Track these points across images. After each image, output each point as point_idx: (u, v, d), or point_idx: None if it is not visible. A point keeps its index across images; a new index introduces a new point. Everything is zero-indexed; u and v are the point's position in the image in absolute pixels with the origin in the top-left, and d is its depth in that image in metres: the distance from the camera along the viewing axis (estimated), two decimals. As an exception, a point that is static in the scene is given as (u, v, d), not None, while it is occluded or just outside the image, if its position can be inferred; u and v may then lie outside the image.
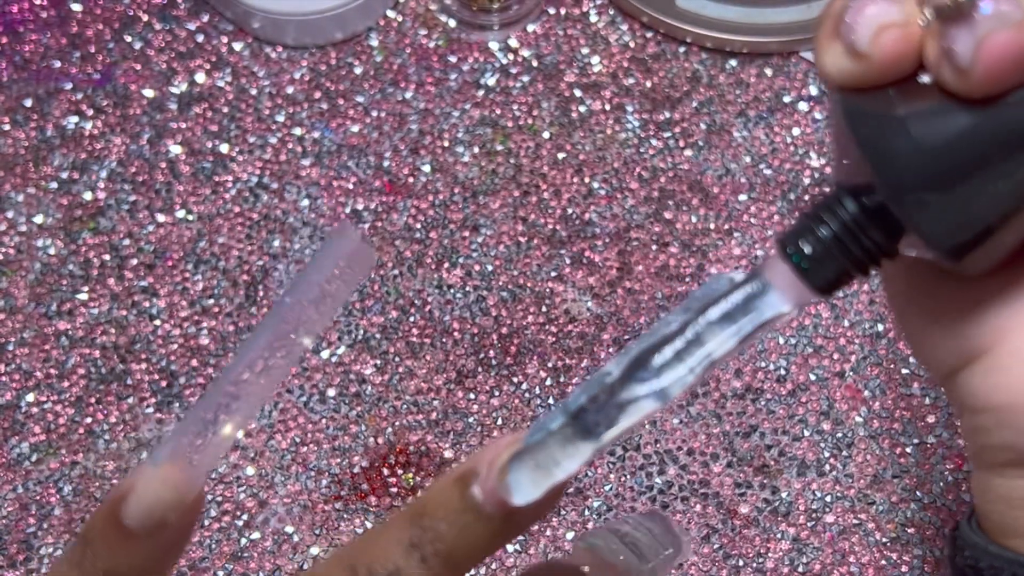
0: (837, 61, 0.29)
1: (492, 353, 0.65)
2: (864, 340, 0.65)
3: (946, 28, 0.27)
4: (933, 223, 0.28)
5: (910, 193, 0.28)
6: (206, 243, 0.68)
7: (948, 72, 0.27)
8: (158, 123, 0.71)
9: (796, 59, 0.73)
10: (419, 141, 0.71)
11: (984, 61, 0.27)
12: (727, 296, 0.30)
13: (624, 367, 0.30)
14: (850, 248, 0.30)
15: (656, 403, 0.30)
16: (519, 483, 0.29)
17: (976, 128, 0.28)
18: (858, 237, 0.30)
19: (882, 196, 0.29)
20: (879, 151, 0.28)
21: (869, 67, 0.28)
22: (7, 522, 0.62)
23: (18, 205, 0.69)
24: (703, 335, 0.30)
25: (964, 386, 0.33)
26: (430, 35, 0.74)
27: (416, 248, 0.68)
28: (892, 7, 0.28)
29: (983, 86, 0.27)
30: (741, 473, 0.62)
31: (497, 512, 0.29)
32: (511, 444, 0.30)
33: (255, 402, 0.32)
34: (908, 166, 0.28)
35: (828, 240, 0.30)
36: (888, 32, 0.28)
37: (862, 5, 0.28)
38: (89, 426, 0.64)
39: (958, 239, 0.29)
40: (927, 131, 0.28)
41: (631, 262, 0.67)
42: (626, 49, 0.73)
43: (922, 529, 0.61)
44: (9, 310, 0.66)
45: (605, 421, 0.30)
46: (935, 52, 0.28)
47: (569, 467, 0.29)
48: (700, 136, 0.71)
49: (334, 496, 0.62)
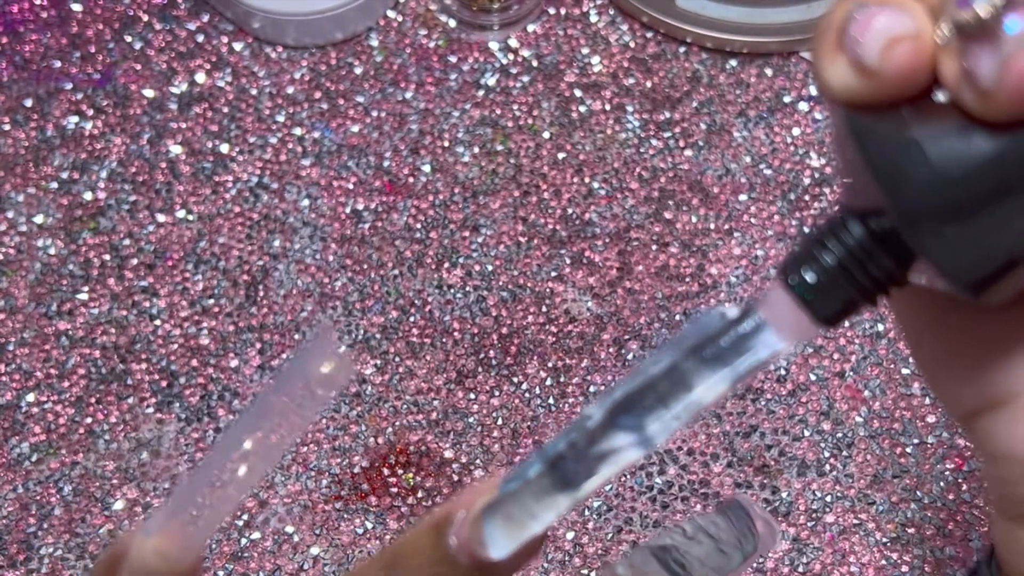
0: (842, 77, 0.26)
1: (492, 353, 0.65)
2: (864, 340, 0.65)
3: (967, 46, 0.25)
4: (952, 255, 0.26)
5: (927, 223, 0.26)
6: (206, 243, 0.68)
7: (969, 94, 0.25)
8: (158, 123, 0.71)
9: (796, 59, 0.73)
10: (419, 141, 0.71)
11: (1010, 84, 0.24)
12: (719, 336, 0.28)
13: (605, 412, 0.28)
14: (857, 277, 0.28)
15: (639, 452, 0.28)
16: (493, 536, 0.28)
17: (1000, 154, 0.25)
18: (865, 265, 0.28)
19: (895, 224, 0.27)
20: (893, 176, 0.26)
21: (879, 84, 0.26)
22: (7, 522, 0.62)
23: (18, 205, 0.69)
24: (691, 378, 0.28)
25: (987, 432, 0.30)
26: (430, 35, 0.74)
27: (416, 248, 0.68)
28: (903, 18, 0.25)
29: (1008, 110, 0.25)
30: (741, 473, 0.62)
31: (472, 563, 0.28)
32: (487, 491, 0.28)
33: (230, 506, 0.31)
34: (925, 194, 0.26)
35: (833, 268, 0.28)
36: (899, 46, 0.25)
37: (870, 16, 0.26)
38: (89, 426, 0.64)
39: (978, 273, 0.26)
40: (946, 156, 0.26)
41: (631, 262, 0.67)
42: (626, 49, 0.73)
43: (922, 529, 0.61)
44: (9, 310, 0.66)
45: (584, 471, 0.28)
46: (954, 71, 0.25)
47: (546, 519, 0.28)
48: (700, 136, 0.71)
49: (334, 496, 0.62)
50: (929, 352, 0.32)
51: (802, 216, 0.68)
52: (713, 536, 0.48)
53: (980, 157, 0.25)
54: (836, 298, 0.28)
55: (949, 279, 0.27)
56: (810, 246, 0.29)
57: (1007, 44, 0.24)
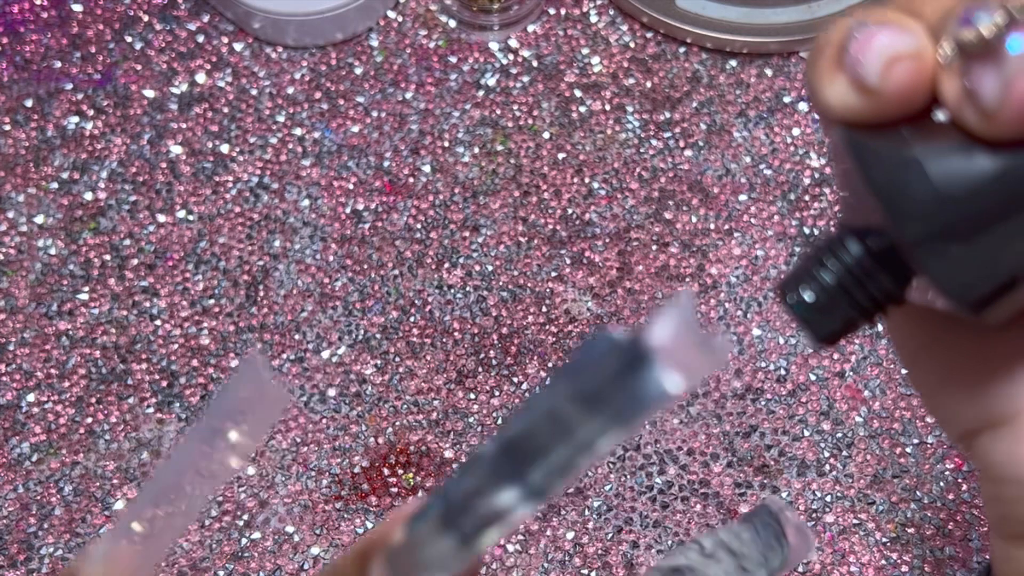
0: (842, 96, 0.26)
1: (492, 353, 0.65)
2: (864, 340, 0.65)
3: (969, 66, 0.25)
4: (954, 274, 0.26)
5: (928, 242, 0.26)
6: (207, 243, 0.68)
7: (971, 114, 0.25)
8: (159, 123, 0.72)
9: (796, 59, 0.73)
10: (419, 141, 0.71)
11: (1013, 104, 0.24)
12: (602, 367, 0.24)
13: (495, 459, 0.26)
14: (855, 296, 0.28)
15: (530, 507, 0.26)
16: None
17: (1002, 173, 0.25)
18: (864, 284, 0.28)
19: (896, 243, 0.27)
20: (893, 195, 0.26)
21: (879, 103, 0.26)
22: (8, 522, 0.62)
23: (19, 205, 0.69)
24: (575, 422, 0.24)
25: (986, 452, 0.30)
26: (430, 35, 0.74)
27: (416, 248, 0.68)
28: (903, 37, 0.25)
29: (1011, 129, 0.25)
30: (741, 473, 0.62)
31: None
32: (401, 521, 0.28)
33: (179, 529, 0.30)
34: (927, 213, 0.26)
35: (832, 287, 0.28)
36: (900, 65, 0.25)
37: (870, 35, 0.25)
38: (90, 426, 0.64)
39: (980, 291, 0.26)
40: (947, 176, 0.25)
41: (631, 262, 0.67)
42: (626, 49, 0.74)
43: (922, 529, 0.61)
44: (10, 310, 0.67)
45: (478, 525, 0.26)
46: (955, 91, 0.25)
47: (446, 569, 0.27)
48: (700, 136, 0.71)
49: (335, 496, 0.62)
50: (927, 372, 0.31)
51: (802, 216, 0.68)
52: (735, 552, 0.44)
53: (982, 176, 0.25)
54: (835, 318, 0.28)
55: (951, 298, 0.27)
56: (809, 265, 0.28)
57: (1010, 64, 0.24)
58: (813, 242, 0.32)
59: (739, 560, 0.44)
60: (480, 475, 0.26)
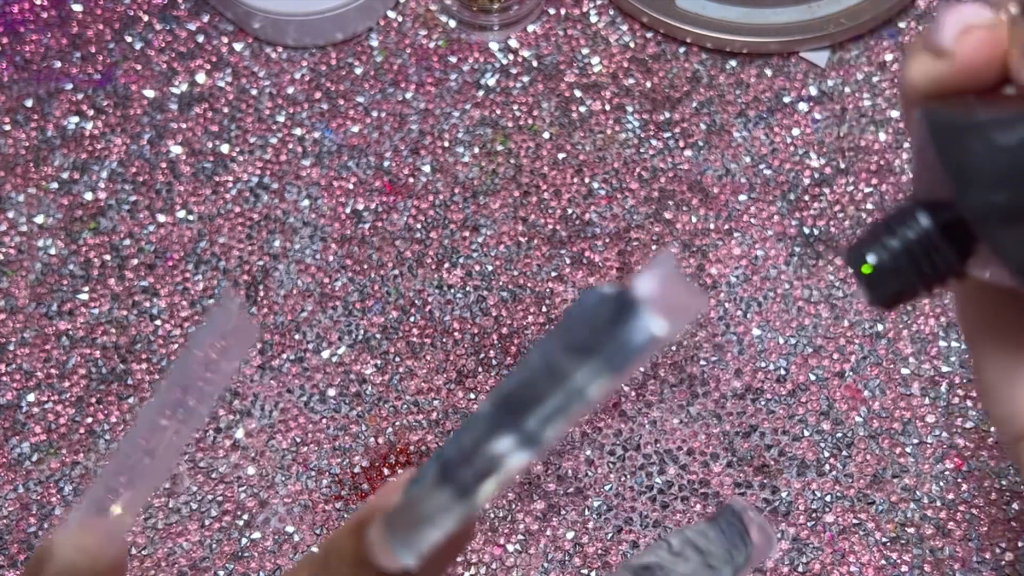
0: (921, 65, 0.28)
1: (492, 353, 0.65)
2: (864, 340, 0.65)
3: None
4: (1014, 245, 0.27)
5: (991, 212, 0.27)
6: (207, 243, 0.68)
7: None
8: (159, 123, 0.72)
9: (796, 59, 0.73)
10: (419, 141, 0.71)
11: None
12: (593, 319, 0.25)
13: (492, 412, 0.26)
14: (919, 263, 0.29)
15: (527, 454, 0.26)
16: (397, 543, 0.28)
17: None
18: (928, 253, 0.29)
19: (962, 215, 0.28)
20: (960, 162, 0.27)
21: (951, 67, 0.28)
22: (8, 522, 0.62)
23: (19, 205, 0.69)
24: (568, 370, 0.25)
25: None
26: (430, 35, 0.74)
27: (416, 248, 0.68)
28: (982, 12, 0.28)
29: None
30: (741, 473, 0.62)
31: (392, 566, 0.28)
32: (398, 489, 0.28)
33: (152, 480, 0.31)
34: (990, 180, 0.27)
35: (896, 254, 0.29)
36: (973, 32, 0.28)
37: (952, 7, 0.28)
38: (90, 426, 0.64)
39: None
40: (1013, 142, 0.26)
41: (631, 262, 0.67)
42: (626, 49, 0.74)
43: (922, 529, 0.61)
44: (10, 310, 0.67)
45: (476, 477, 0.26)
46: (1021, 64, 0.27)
47: (445, 525, 0.27)
48: (700, 136, 0.71)
49: (335, 496, 0.62)
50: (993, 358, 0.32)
51: (802, 216, 0.68)
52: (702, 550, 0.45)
53: None
54: (895, 282, 0.29)
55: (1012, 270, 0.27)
56: (877, 231, 0.29)
57: None
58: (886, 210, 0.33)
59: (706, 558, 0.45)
60: (476, 430, 0.26)
